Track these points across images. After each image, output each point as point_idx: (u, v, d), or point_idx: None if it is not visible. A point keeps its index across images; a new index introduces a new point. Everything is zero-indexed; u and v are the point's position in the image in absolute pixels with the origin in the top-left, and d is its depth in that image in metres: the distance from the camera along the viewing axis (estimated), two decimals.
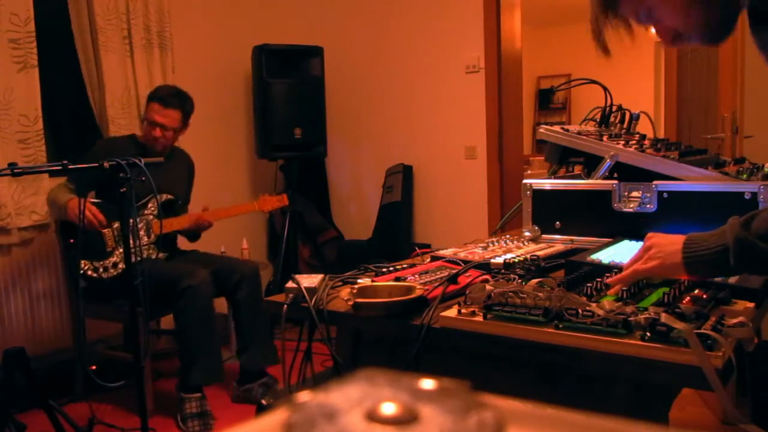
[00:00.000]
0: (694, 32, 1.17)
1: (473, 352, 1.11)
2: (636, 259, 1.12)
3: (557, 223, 1.74)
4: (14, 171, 1.88)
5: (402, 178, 4.06)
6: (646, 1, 1.16)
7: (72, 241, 2.75)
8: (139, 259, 2.71)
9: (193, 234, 3.04)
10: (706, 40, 1.21)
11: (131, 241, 2.13)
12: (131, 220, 2.15)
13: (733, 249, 1.00)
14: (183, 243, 3.16)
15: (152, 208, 2.90)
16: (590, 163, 1.82)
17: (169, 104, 2.90)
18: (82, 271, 2.73)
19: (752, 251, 0.99)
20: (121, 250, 2.77)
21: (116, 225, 2.78)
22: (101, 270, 2.75)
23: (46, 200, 2.93)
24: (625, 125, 2.04)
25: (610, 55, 1.25)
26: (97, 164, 2.03)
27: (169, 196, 2.98)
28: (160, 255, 2.92)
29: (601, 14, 1.20)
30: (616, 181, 1.65)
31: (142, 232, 2.86)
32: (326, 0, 4.38)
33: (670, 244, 1.07)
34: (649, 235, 1.12)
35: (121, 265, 2.75)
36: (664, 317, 0.89)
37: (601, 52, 1.25)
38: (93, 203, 2.74)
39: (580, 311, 0.96)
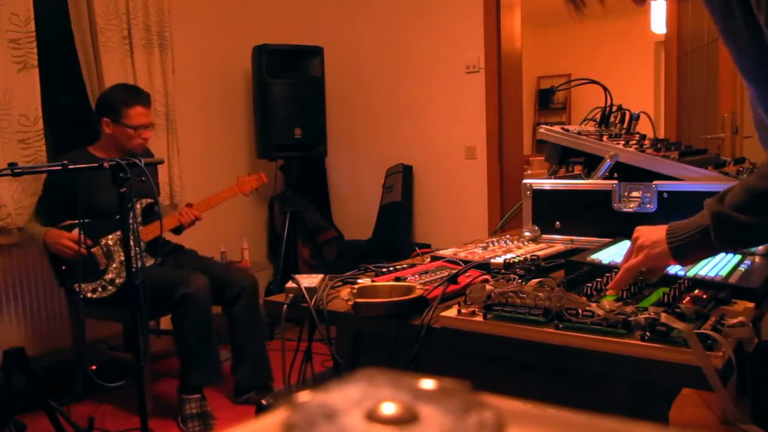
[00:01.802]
0: None
1: (473, 352, 1.11)
2: (627, 257, 1.14)
3: (557, 223, 1.74)
4: (14, 171, 1.88)
5: (402, 178, 4.06)
6: None
7: (64, 268, 2.70)
8: (135, 267, 2.68)
9: (176, 229, 2.96)
10: None
11: (132, 243, 2.12)
12: (131, 221, 2.14)
13: (712, 224, 1.03)
14: (180, 241, 3.14)
15: (136, 214, 2.77)
16: (590, 163, 1.82)
17: (149, 104, 2.86)
18: (82, 296, 2.66)
19: (729, 223, 1.02)
20: (114, 266, 2.74)
21: (104, 241, 2.75)
22: (99, 290, 2.71)
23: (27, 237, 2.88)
24: (625, 125, 2.04)
25: (581, 14, 1.29)
26: (96, 164, 2.03)
27: (149, 200, 2.87)
28: (152, 261, 2.84)
29: None
30: (616, 181, 1.65)
31: (131, 242, 2.80)
32: (326, 0, 4.38)
33: (654, 232, 1.10)
34: (636, 228, 1.15)
35: (118, 281, 2.71)
36: (664, 317, 0.89)
37: (575, 12, 1.29)
38: (64, 227, 2.71)
39: (580, 311, 0.96)
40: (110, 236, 2.76)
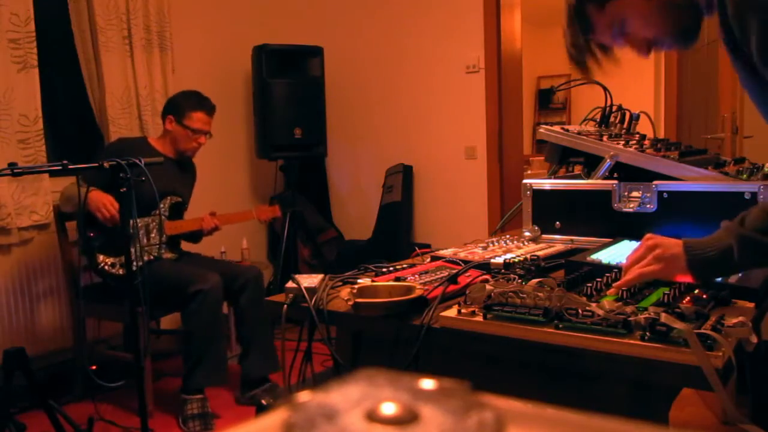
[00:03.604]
0: (668, 38, 1.27)
1: (473, 352, 1.11)
2: (637, 259, 1.11)
3: (557, 223, 1.74)
4: (14, 171, 1.88)
5: (402, 178, 4.06)
6: (617, 16, 1.25)
7: (92, 234, 2.74)
8: (151, 258, 2.73)
9: (195, 236, 3.04)
10: (679, 44, 1.31)
11: (138, 240, 2.13)
12: (134, 221, 2.14)
13: (737, 247, 1.04)
14: (186, 245, 3.15)
15: (164, 208, 2.91)
16: (590, 163, 1.82)
17: (212, 114, 3.01)
18: (100, 266, 2.74)
19: (754, 246, 1.04)
20: (132, 249, 2.75)
21: (132, 223, 2.76)
22: (118, 266, 2.75)
23: (60, 197, 2.84)
24: (625, 125, 2.04)
25: (589, 72, 1.34)
26: (97, 164, 2.03)
27: (178, 199, 3.01)
28: (170, 255, 2.92)
29: (579, 42, 1.31)
30: (616, 181, 1.65)
31: (153, 233, 2.86)
32: (326, 0, 4.38)
33: (673, 246, 1.09)
34: (649, 236, 1.12)
35: (137, 263, 2.73)
36: (664, 317, 0.89)
37: (581, 72, 1.34)
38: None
39: (580, 311, 0.96)
40: (139, 220, 2.79)
